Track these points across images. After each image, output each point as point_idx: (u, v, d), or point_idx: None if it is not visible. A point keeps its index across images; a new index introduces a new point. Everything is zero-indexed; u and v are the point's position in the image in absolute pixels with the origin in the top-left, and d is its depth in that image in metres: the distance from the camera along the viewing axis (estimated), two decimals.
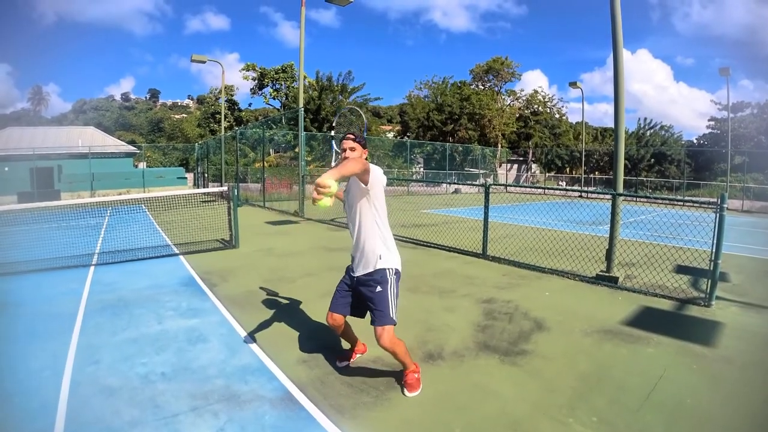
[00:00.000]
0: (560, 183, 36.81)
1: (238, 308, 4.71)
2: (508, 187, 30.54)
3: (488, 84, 43.27)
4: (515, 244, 8.12)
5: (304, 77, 36.60)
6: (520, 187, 27.68)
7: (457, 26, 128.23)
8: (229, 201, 8.39)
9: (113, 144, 27.91)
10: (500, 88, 43.55)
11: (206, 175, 25.29)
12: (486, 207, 7.35)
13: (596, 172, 37.01)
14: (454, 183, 25.77)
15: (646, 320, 4.30)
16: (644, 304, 4.79)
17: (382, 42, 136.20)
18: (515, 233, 9.20)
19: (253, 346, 3.71)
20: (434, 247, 8.10)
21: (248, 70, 43.21)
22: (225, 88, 47.10)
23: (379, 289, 2.80)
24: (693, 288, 5.37)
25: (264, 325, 4.20)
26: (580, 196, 20.99)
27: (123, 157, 26.28)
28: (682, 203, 5.91)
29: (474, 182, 21.45)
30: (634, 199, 19.02)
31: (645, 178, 32.36)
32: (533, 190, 29.27)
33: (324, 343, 3.79)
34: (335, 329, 3.12)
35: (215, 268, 6.46)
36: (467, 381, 3.10)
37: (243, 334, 4.00)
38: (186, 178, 27.28)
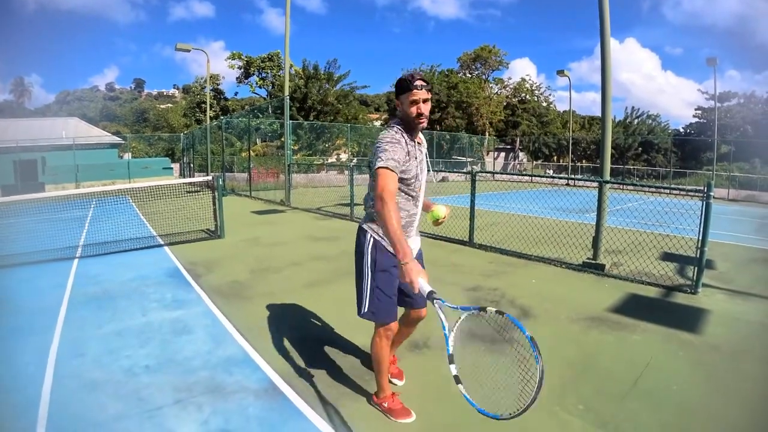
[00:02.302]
0: (547, 171, 37.02)
1: (223, 299, 4.66)
2: (495, 175, 30.64)
3: (476, 72, 43.14)
4: (502, 231, 8.14)
5: (291, 65, 36.22)
6: (507, 174, 27.83)
7: (446, 13, 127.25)
8: (214, 191, 8.27)
9: (97, 135, 27.35)
10: (488, 76, 43.48)
11: (192, 165, 24.95)
12: (472, 194, 7.34)
13: (583, 161, 37.29)
14: (441, 171, 25.81)
15: (633, 307, 4.34)
16: (631, 292, 4.83)
17: (370, 29, 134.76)
18: (502, 221, 9.23)
19: (238, 337, 3.67)
20: (420, 236, 8.07)
21: (234, 59, 42.48)
22: (210, 77, 46.44)
23: None
24: (679, 275, 5.43)
25: (249, 316, 4.16)
26: (567, 184, 21.15)
27: (108, 148, 25.76)
28: (668, 191, 5.95)
29: (461, 170, 21.41)
30: (621, 186, 19.25)
31: (632, 167, 32.69)
32: (521, 177, 29.42)
33: (309, 333, 3.78)
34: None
35: (200, 259, 6.39)
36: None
37: (228, 325, 3.96)
38: (172, 168, 26.88)
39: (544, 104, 44.07)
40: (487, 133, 40.84)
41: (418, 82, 2.19)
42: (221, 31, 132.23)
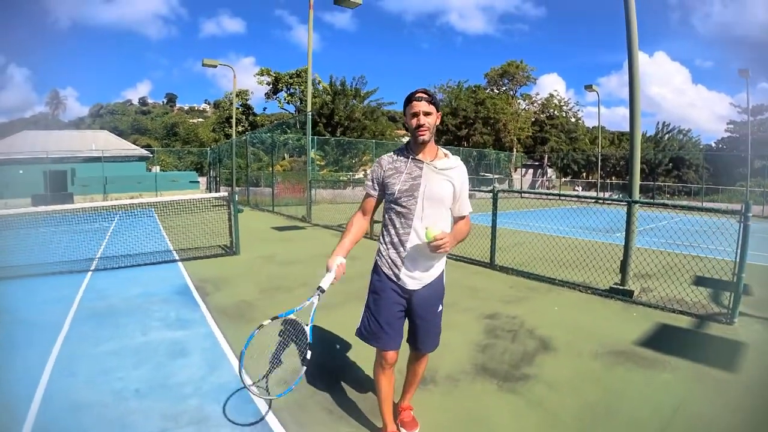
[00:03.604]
0: (576, 188, 36.12)
1: (227, 320, 4.51)
2: (520, 193, 30.00)
3: (503, 88, 42.77)
4: (526, 252, 7.78)
5: (319, 81, 36.71)
6: (529, 192, 27.17)
7: (473, 28, 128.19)
8: (229, 206, 8.22)
9: (126, 148, 28.25)
10: (515, 92, 43.03)
11: (218, 179, 25.39)
12: (494, 214, 7.05)
13: (613, 177, 36.24)
14: (479, 190, 25.42)
15: (663, 340, 3.96)
16: (661, 321, 4.43)
17: (398, 45, 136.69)
18: (527, 241, 8.86)
19: (235, 363, 3.49)
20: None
21: (262, 75, 43.45)
22: (240, 92, 47.63)
23: None
24: (714, 303, 4.99)
25: (254, 341, 3.96)
26: (597, 202, 20.45)
27: (136, 161, 26.55)
28: (702, 210, 5.53)
29: (480, 189, 21.01)
30: (654, 205, 18.40)
31: (663, 183, 31.53)
32: (547, 195, 28.69)
33: (310, 361, 3.54)
34: None
35: (212, 276, 6.29)
36: (460, 410, 2.82)
37: (227, 349, 3.79)
38: (198, 182, 27.46)
39: (573, 120, 43.26)
40: (514, 150, 40.27)
41: (418, 95, 2.19)
42: (252, 47, 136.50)
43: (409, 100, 2.21)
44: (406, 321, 2.39)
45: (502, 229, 10.98)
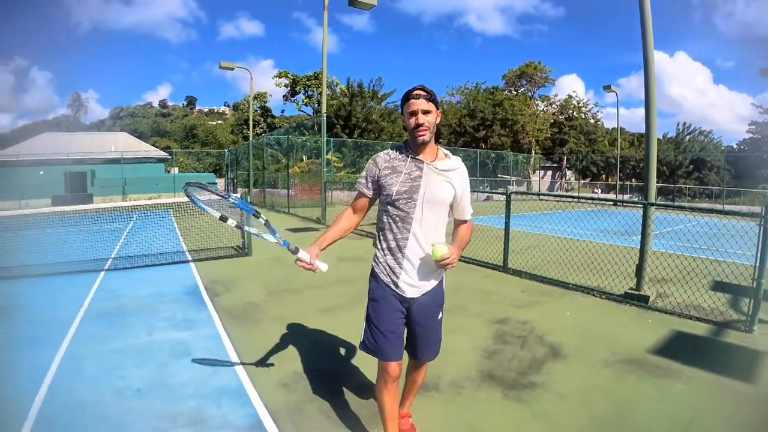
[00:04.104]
0: (595, 190, 35.47)
1: (233, 321, 4.49)
2: (537, 194, 29.58)
3: (521, 89, 42.29)
4: (540, 255, 7.62)
5: (336, 83, 36.87)
6: (544, 195, 26.74)
7: (492, 30, 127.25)
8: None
9: (145, 150, 28.81)
10: (533, 93, 42.50)
11: (236, 180, 25.66)
12: (507, 216, 6.91)
13: (633, 179, 35.48)
14: (478, 191, 25.12)
15: (678, 348, 3.79)
16: (676, 328, 4.25)
17: (416, 47, 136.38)
18: (541, 244, 8.68)
19: (236, 365, 3.46)
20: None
21: (280, 77, 43.83)
22: (258, 95, 48.15)
23: None
24: (733, 310, 4.77)
25: (254, 341, 3.95)
26: (615, 204, 20.00)
27: (155, 163, 27.04)
28: (720, 213, 5.31)
29: (495, 191, 20.70)
30: (671, 207, 17.89)
31: (683, 185, 30.73)
32: (560, 197, 28.22)
33: (313, 365, 3.50)
34: None
35: (222, 277, 6.31)
36: (461, 419, 2.73)
37: (230, 350, 3.77)
38: (216, 183, 27.79)
39: (592, 121, 42.53)
40: (533, 151, 39.75)
41: (416, 92, 2.05)
42: (270, 49, 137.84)
43: (407, 98, 2.07)
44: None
45: (517, 232, 10.83)
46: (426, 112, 2.04)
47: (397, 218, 2.10)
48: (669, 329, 4.22)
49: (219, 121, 66.71)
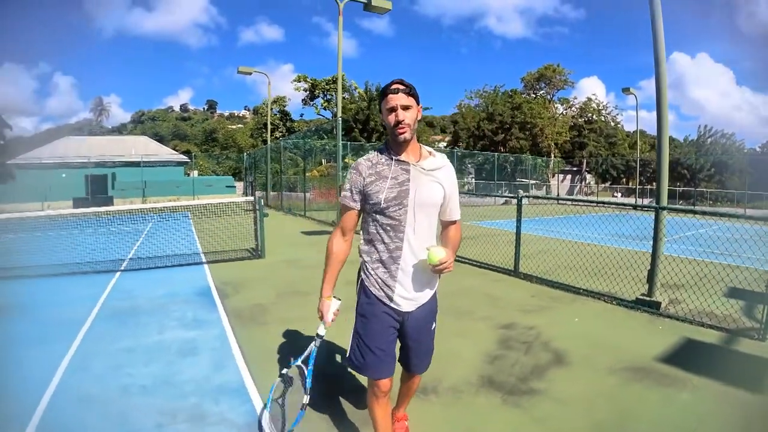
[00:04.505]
0: (615, 194, 34.84)
1: (241, 322, 4.56)
2: (551, 198, 29.16)
3: (540, 92, 41.88)
4: (552, 260, 7.52)
5: (355, 87, 37.16)
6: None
7: (512, 32, 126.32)
8: (255, 211, 8.38)
9: (165, 153, 29.48)
10: (553, 96, 42.05)
11: (254, 183, 26.00)
12: (518, 220, 6.85)
13: (653, 183, 34.75)
14: (496, 195, 24.90)
15: (687, 356, 3.69)
16: (687, 336, 4.14)
17: (436, 50, 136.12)
18: (555, 248, 8.57)
19: (240, 364, 3.53)
20: (464, 262, 7.66)
21: (299, 81, 44.36)
22: (277, 99, 48.77)
23: None
24: (746, 317, 4.63)
25: (258, 342, 4.02)
26: (635, 208, 19.59)
27: (174, 166, 27.65)
28: (735, 217, 5.16)
29: (505, 195, 20.47)
30: (682, 211, 17.31)
31: (704, 189, 29.93)
32: (580, 201, 27.71)
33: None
34: None
35: (233, 279, 6.40)
36: (458, 424, 2.71)
37: (235, 350, 3.83)
38: (234, 186, 28.24)
39: (612, 124, 41.83)
40: (552, 155, 39.30)
41: (395, 86, 1.90)
42: (290, 54, 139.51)
43: (384, 93, 1.92)
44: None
45: (531, 236, 10.71)
46: (406, 108, 1.89)
47: (388, 227, 1.97)
48: (679, 336, 4.12)
49: (239, 125, 67.74)
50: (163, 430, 2.62)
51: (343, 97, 40.02)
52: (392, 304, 2.02)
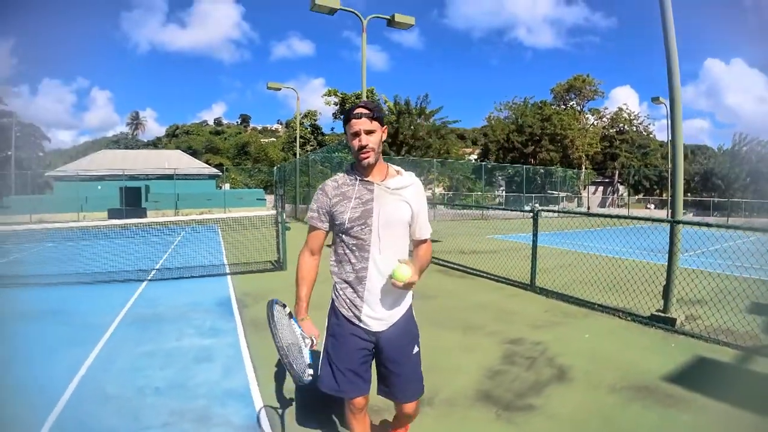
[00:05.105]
0: (648, 206, 33.74)
1: (256, 332, 4.73)
2: (581, 211, 28.52)
3: (570, 103, 41.27)
4: (571, 274, 7.42)
5: (385, 101, 37.54)
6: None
7: (542, 43, 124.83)
8: (278, 224, 8.64)
9: (197, 166, 30.58)
10: (583, 106, 41.34)
11: (284, 196, 26.59)
12: (534, 234, 6.84)
13: (687, 194, 33.49)
14: (512, 209, 24.44)
15: (696, 376, 3.61)
16: (701, 354, 4.04)
17: (466, 62, 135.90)
18: (576, 262, 8.42)
19: (249, 371, 3.70)
20: (483, 276, 7.67)
21: (329, 96, 45.25)
22: (308, 113, 49.89)
23: None
24: (766, 333, 4.47)
25: (269, 352, 4.12)
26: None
27: (207, 179, 28.61)
28: (750, 230, 5.01)
29: (519, 209, 20.06)
30: (696, 225, 16.53)
31: (740, 200, 28.56)
32: (609, 214, 26.96)
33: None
34: None
35: (254, 290, 6.62)
36: None
37: (246, 357, 4.01)
38: (265, 199, 28.92)
39: (644, 134, 40.69)
40: (583, 167, 38.53)
41: (358, 110, 1.89)
42: (321, 68, 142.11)
43: (348, 117, 1.92)
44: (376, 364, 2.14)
45: (554, 249, 10.57)
46: (369, 132, 1.90)
47: (354, 247, 1.98)
48: (692, 355, 4.03)
49: (272, 138, 69.35)
50: (170, 428, 2.80)
51: None
52: (361, 324, 2.01)
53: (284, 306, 2.09)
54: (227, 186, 31.79)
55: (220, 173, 32.49)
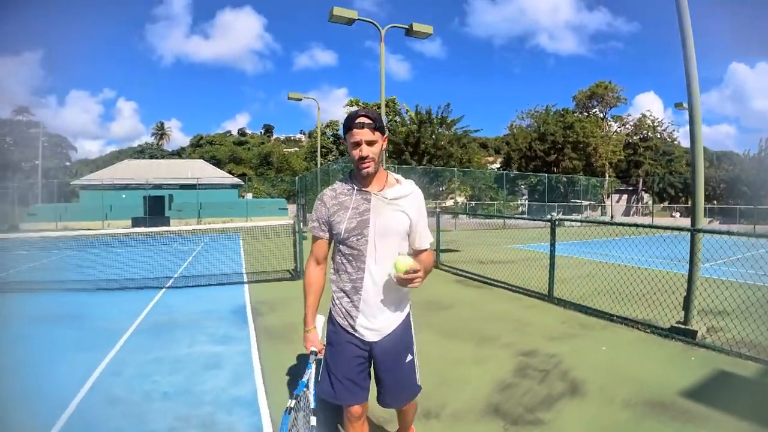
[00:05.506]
0: (674, 214, 32.75)
1: (269, 340, 4.77)
2: (603, 219, 27.88)
3: (593, 110, 40.62)
4: (590, 284, 7.24)
5: (407, 110, 37.67)
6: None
7: (565, 49, 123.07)
8: (294, 233, 8.71)
9: (220, 176, 31.18)
10: (605, 113, 40.62)
11: (305, 206, 26.85)
12: (552, 244, 6.71)
13: (714, 201, 32.36)
14: (530, 218, 24.09)
15: (715, 390, 3.46)
16: (721, 368, 3.87)
17: (488, 70, 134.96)
18: (596, 272, 8.21)
19: (258, 379, 3.71)
20: (501, 287, 7.56)
21: (351, 106, 45.69)
22: (330, 123, 50.44)
23: None
24: None
25: (281, 359, 4.18)
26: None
27: (229, 188, 29.12)
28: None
29: (537, 218, 19.76)
30: (716, 233, 15.85)
31: (767, 207, 27.45)
32: (630, 222, 26.24)
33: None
34: None
35: (269, 298, 6.68)
36: None
37: (256, 365, 4.03)
38: (286, 209, 29.24)
39: (669, 140, 39.68)
40: (606, 175, 37.76)
41: (359, 120, 1.86)
42: (344, 78, 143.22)
43: (349, 126, 1.89)
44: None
45: (572, 259, 10.33)
46: (371, 143, 1.88)
47: (351, 257, 1.98)
48: (712, 369, 3.86)
49: (295, 148, 70.17)
50: None
51: (395, 120, 40.85)
52: (357, 334, 2.02)
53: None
54: (250, 195, 32.29)
55: (243, 183, 33.01)
